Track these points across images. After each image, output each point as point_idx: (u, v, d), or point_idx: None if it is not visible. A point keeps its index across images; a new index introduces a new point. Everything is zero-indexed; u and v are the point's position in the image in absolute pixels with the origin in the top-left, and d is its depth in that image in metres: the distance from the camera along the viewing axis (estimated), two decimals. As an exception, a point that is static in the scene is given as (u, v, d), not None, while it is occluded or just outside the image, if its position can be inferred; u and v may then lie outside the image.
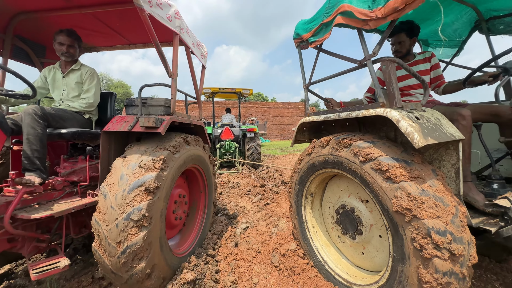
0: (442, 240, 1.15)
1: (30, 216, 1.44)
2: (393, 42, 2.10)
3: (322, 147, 1.79)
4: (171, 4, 1.92)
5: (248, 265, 2.10)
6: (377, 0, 1.32)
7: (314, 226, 2.02)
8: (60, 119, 1.85)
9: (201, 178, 2.50)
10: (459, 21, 2.31)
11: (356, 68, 1.59)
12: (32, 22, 2.35)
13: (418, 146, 1.18)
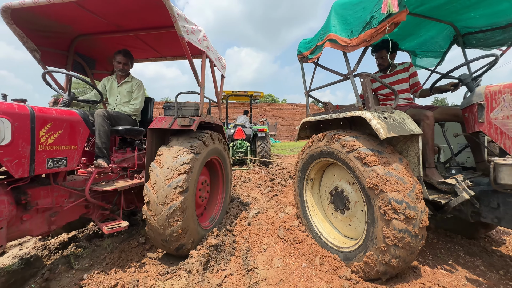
0: (399, 207, 1.59)
1: (102, 189, 1.99)
2: (376, 57, 2.53)
3: (319, 140, 2.26)
4: (200, 29, 2.45)
5: (259, 238, 2.59)
6: (353, 32, 1.77)
7: (313, 205, 2.48)
8: (118, 119, 2.42)
9: (220, 168, 3.01)
10: (440, 35, 2.71)
11: (342, 80, 2.06)
12: (87, 41, 2.95)
13: (382, 137, 1.63)
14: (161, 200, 1.96)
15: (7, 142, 1.40)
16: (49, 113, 1.66)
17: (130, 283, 1.83)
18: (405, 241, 1.59)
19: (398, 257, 1.63)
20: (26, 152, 1.51)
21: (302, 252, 2.24)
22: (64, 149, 1.75)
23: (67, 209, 1.90)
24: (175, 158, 2.06)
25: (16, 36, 2.34)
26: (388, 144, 1.89)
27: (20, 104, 1.52)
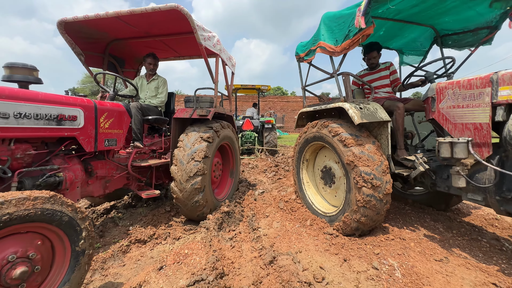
0: (368, 178, 2.07)
1: (140, 164, 2.57)
2: (368, 58, 2.95)
3: (312, 127, 2.75)
4: (214, 35, 2.94)
5: (263, 208, 3.14)
6: (338, 41, 2.22)
7: (308, 181, 3.00)
8: (148, 110, 2.98)
9: (230, 151, 3.55)
10: (422, 36, 3.09)
11: (329, 78, 2.52)
12: (119, 45, 3.51)
13: (356, 123, 2.11)
14: (185, 179, 2.49)
15: (81, 126, 1.98)
16: (105, 105, 2.22)
17: (164, 234, 2.43)
18: (372, 203, 2.09)
19: (367, 216, 2.12)
20: (92, 133, 2.08)
21: (296, 217, 2.78)
22: (115, 133, 2.32)
23: (115, 178, 2.49)
24: (193, 145, 2.59)
25: (67, 43, 2.91)
26: (365, 130, 2.36)
27: (87, 99, 2.08)
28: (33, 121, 1.65)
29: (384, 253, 1.98)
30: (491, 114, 1.67)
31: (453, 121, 1.92)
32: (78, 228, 1.41)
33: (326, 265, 1.90)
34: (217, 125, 2.97)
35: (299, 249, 2.13)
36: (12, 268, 1.17)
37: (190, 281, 1.63)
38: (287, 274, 1.71)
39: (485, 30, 2.54)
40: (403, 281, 1.67)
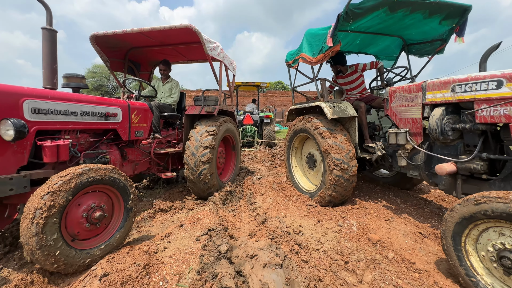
0: (338, 162, 2.70)
1: (160, 151, 3.22)
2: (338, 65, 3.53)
3: (299, 121, 3.37)
4: (218, 45, 3.54)
5: (259, 189, 3.79)
6: (315, 54, 2.83)
7: (296, 166, 3.64)
8: (164, 108, 3.61)
9: (232, 142, 4.19)
10: (393, 44, 3.68)
11: (310, 82, 3.14)
12: (136, 51, 4.11)
13: (329, 118, 2.73)
14: (196, 165, 3.13)
15: (120, 121, 2.62)
16: (135, 104, 2.86)
17: (180, 205, 3.09)
18: (340, 182, 2.72)
19: (337, 191, 2.76)
20: (127, 126, 2.73)
21: (286, 194, 3.43)
22: (142, 126, 2.96)
23: (141, 162, 3.14)
24: (202, 137, 3.22)
25: (96, 52, 3.52)
26: (339, 124, 2.98)
27: (123, 100, 2.72)
28: (91, 117, 2.29)
29: (348, 217, 2.63)
30: (422, 112, 2.29)
31: (399, 116, 2.54)
32: (128, 192, 2.05)
33: (304, 224, 2.55)
34: (221, 120, 3.59)
35: (285, 215, 2.79)
36: (94, 212, 1.82)
37: (203, 231, 2.29)
38: (273, 227, 2.37)
39: (438, 42, 3.13)
40: (357, 232, 2.32)
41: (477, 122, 1.88)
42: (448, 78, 2.07)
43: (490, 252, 1.47)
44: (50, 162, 1.93)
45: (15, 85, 1.79)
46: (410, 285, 1.60)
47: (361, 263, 1.82)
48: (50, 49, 2.29)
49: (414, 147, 2.38)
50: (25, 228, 1.49)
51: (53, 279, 1.64)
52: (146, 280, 1.60)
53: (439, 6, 2.56)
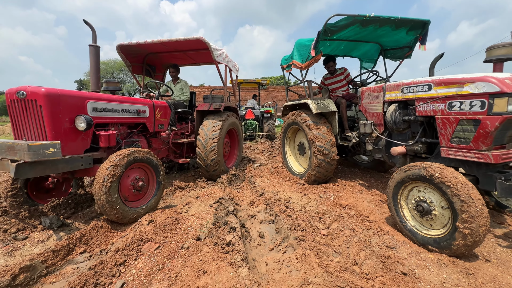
0: (321, 149, 3.38)
1: (177, 141, 3.93)
2: (327, 66, 4.18)
3: (292, 115, 4.04)
4: (224, 51, 4.19)
5: (259, 173, 4.50)
6: (303, 60, 3.48)
7: (289, 153, 4.34)
8: (178, 105, 4.30)
9: (236, 134, 4.87)
10: (372, 49, 4.30)
11: (300, 83, 3.79)
12: (152, 56, 4.79)
13: (314, 112, 3.40)
14: (206, 153, 3.82)
15: (148, 116, 3.32)
16: (157, 103, 3.55)
17: (194, 185, 3.80)
18: (322, 165, 3.40)
19: (320, 172, 3.45)
20: (152, 120, 3.42)
21: (281, 176, 4.13)
22: (163, 120, 3.66)
23: (162, 150, 3.85)
24: (210, 132, 3.89)
25: (121, 59, 4.21)
26: (323, 118, 3.65)
27: (149, 99, 3.41)
28: (128, 113, 2.99)
29: (328, 191, 3.33)
30: (383, 107, 2.95)
31: (368, 111, 3.20)
32: (159, 169, 2.76)
33: (293, 196, 3.26)
34: (226, 115, 4.27)
35: (279, 190, 3.50)
36: (137, 182, 2.53)
37: (215, 200, 2.99)
38: (269, 198, 3.08)
39: (407, 48, 3.75)
40: (332, 200, 3.01)
41: (418, 115, 2.55)
42: (399, 82, 2.73)
43: (413, 204, 2.16)
44: (104, 147, 2.65)
45: (80, 91, 2.49)
46: (361, 229, 2.29)
47: (330, 218, 2.52)
48: (95, 61, 2.98)
49: (378, 135, 3.05)
50: (98, 188, 2.20)
51: (114, 226, 2.36)
52: (178, 226, 2.31)
53: (402, 22, 3.18)
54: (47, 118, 2.17)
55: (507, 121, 1.91)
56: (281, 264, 1.86)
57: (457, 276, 1.65)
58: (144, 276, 1.64)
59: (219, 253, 1.90)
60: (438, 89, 2.33)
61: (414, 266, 1.74)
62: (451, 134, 2.24)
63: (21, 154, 1.93)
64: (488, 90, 1.95)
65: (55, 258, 1.86)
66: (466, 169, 2.26)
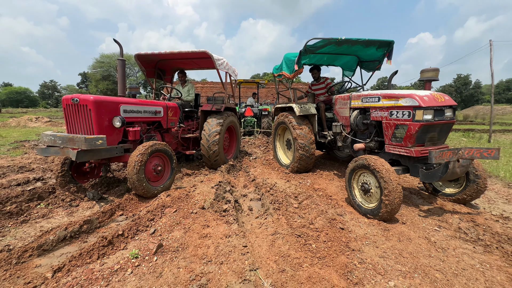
0: (302, 146, 4.16)
1: (186, 135, 4.73)
2: (312, 74, 4.93)
3: (281, 116, 4.81)
4: (224, 60, 4.94)
5: (253, 164, 5.30)
6: (290, 72, 4.22)
7: (279, 147, 5.13)
8: (186, 105, 5.08)
9: (234, 130, 5.66)
10: (351, 60, 5.03)
11: (287, 89, 4.54)
12: (163, 62, 5.55)
13: (297, 115, 4.17)
14: (208, 148, 4.60)
15: (162, 115, 4.11)
16: (170, 104, 4.33)
17: (199, 172, 4.61)
18: (303, 158, 4.19)
19: (301, 164, 4.24)
20: (165, 119, 4.22)
21: (271, 167, 4.94)
22: (174, 119, 4.45)
23: (172, 143, 4.66)
24: (212, 128, 4.68)
25: (138, 66, 4.98)
26: (306, 119, 4.42)
27: (162, 101, 4.19)
28: (148, 114, 3.79)
29: (307, 178, 4.12)
30: (349, 112, 3.72)
31: (339, 114, 3.97)
32: (172, 158, 3.55)
33: (278, 182, 4.06)
34: (226, 114, 5.05)
35: (267, 177, 4.30)
36: (157, 167, 3.33)
37: (216, 183, 3.79)
38: (258, 182, 3.88)
39: (377, 62, 4.50)
40: (308, 185, 3.81)
41: (371, 120, 3.32)
42: (360, 93, 3.50)
43: (360, 185, 2.95)
44: (132, 140, 3.45)
45: (115, 97, 3.28)
46: (324, 204, 3.09)
47: (303, 197, 3.32)
48: (122, 73, 3.75)
49: (345, 135, 3.82)
50: (130, 170, 3.00)
51: (140, 199, 3.18)
52: (188, 199, 3.12)
53: (369, 42, 3.92)
54: (94, 118, 2.97)
55: (424, 126, 2.68)
56: (261, 224, 2.67)
57: (377, 230, 2.45)
58: (168, 227, 2.46)
59: (218, 216, 2.71)
60: (384, 101, 3.09)
61: (351, 225, 2.54)
62: (391, 135, 3.01)
63: (79, 144, 2.74)
64: (412, 104, 2.72)
65: (104, 217, 2.68)
66: (402, 161, 3.05)
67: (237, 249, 2.08)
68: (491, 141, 8.42)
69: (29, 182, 3.95)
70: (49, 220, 2.72)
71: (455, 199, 3.12)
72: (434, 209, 3.02)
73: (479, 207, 3.14)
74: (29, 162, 5.36)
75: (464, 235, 2.39)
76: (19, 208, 2.86)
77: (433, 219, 2.73)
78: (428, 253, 2.09)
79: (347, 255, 2.04)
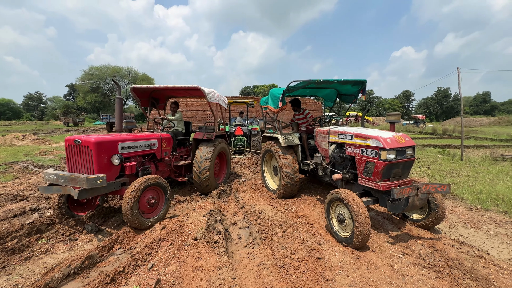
0: (287, 174, 4.53)
1: (178, 163, 5.01)
2: (293, 108, 5.38)
3: (268, 144, 5.20)
4: (215, 92, 5.33)
5: (243, 189, 5.61)
6: (275, 106, 4.65)
7: (266, 172, 5.49)
8: (178, 134, 5.39)
9: (224, 156, 5.99)
10: (331, 92, 5.54)
11: (273, 121, 4.97)
12: (156, 91, 5.88)
13: (283, 145, 4.57)
14: (200, 173, 4.91)
15: (157, 147, 4.40)
16: (163, 135, 4.63)
17: (190, 199, 4.87)
18: (288, 186, 4.55)
19: (286, 191, 4.60)
20: (160, 150, 4.50)
21: (259, 192, 5.26)
22: (167, 149, 4.74)
23: (165, 171, 4.92)
24: (204, 155, 5.00)
25: (133, 97, 5.29)
26: (291, 148, 4.82)
27: (157, 134, 4.50)
28: (143, 147, 4.07)
29: (292, 204, 4.47)
30: (328, 145, 4.14)
31: (319, 146, 4.39)
32: (166, 190, 3.82)
33: (265, 208, 4.38)
34: (216, 142, 5.39)
35: (256, 204, 4.61)
36: (150, 200, 3.59)
37: (207, 212, 4.07)
38: (247, 210, 4.19)
39: (353, 96, 5.01)
40: (293, 212, 4.15)
41: (347, 154, 3.74)
42: (337, 129, 3.94)
43: (336, 215, 3.31)
44: (128, 174, 3.71)
45: (114, 136, 3.57)
46: (306, 232, 3.42)
47: (287, 225, 3.65)
48: (119, 110, 4.05)
49: (325, 166, 4.23)
50: (124, 206, 3.24)
51: (136, 232, 3.41)
52: (182, 230, 3.38)
53: (345, 81, 4.42)
54: (95, 158, 3.24)
55: (388, 164, 3.11)
56: (249, 254, 2.97)
57: (350, 259, 2.80)
58: (164, 260, 2.71)
59: (209, 247, 2.99)
60: (356, 139, 3.54)
61: (327, 254, 2.89)
62: (363, 170, 3.43)
63: (81, 183, 2.99)
64: (378, 145, 3.16)
65: (103, 251, 2.91)
66: (372, 192, 3.46)
67: (227, 282, 2.38)
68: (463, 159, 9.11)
69: (25, 213, 4.10)
70: (51, 255, 2.92)
71: (420, 225, 3.54)
72: (401, 235, 3.42)
73: (441, 231, 3.56)
74: (22, 189, 5.45)
75: (422, 261, 2.78)
76: (21, 244, 3.04)
77: (399, 246, 3.11)
78: (390, 280, 2.45)
79: (321, 285, 2.37)
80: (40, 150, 11.00)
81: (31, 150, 11.31)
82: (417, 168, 7.36)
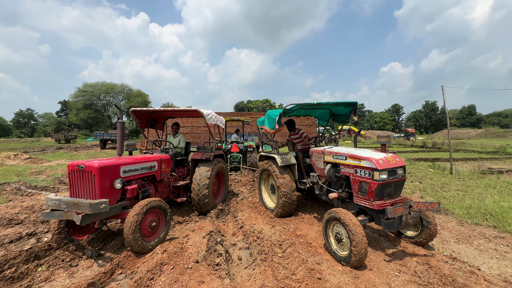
0: (284, 193, 4.65)
1: (177, 184, 5.07)
2: (288, 128, 5.60)
3: (266, 164, 5.34)
4: (213, 114, 5.51)
5: (241, 208, 5.67)
6: (271, 128, 4.85)
7: (264, 190, 5.58)
8: (177, 155, 5.49)
9: (222, 175, 6.08)
10: (324, 113, 5.80)
11: (269, 141, 5.14)
12: (155, 113, 6.03)
13: (280, 165, 4.71)
14: (198, 192, 4.97)
15: (156, 169, 4.48)
16: (163, 157, 4.73)
17: (189, 219, 4.90)
18: (286, 205, 4.66)
19: (284, 210, 4.69)
20: (159, 171, 4.58)
21: (257, 211, 5.33)
22: (166, 170, 4.82)
23: (164, 192, 4.97)
24: (202, 174, 5.09)
25: (133, 119, 5.42)
26: (288, 168, 4.96)
27: (156, 156, 4.59)
28: (144, 170, 4.15)
29: (290, 223, 4.55)
30: (323, 165, 4.31)
31: (315, 165, 4.56)
32: (167, 212, 3.87)
33: (264, 228, 4.44)
34: (215, 161, 5.50)
35: (254, 223, 4.67)
36: (151, 223, 3.63)
37: (207, 233, 4.10)
38: (246, 230, 4.25)
39: (345, 116, 5.27)
40: (291, 231, 4.22)
41: (342, 174, 3.91)
42: (332, 149, 4.13)
43: (334, 234, 3.42)
44: (129, 197, 3.76)
45: (116, 160, 3.65)
46: (305, 252, 3.50)
47: (286, 245, 3.72)
48: (121, 134, 4.16)
49: (321, 185, 4.38)
50: (127, 230, 3.28)
51: (137, 255, 3.42)
52: (183, 253, 3.41)
53: (337, 103, 4.68)
54: (98, 183, 3.31)
55: (381, 184, 3.28)
56: (250, 276, 3.02)
57: (349, 278, 2.88)
58: (167, 285, 2.74)
59: (211, 270, 3.03)
60: (350, 160, 3.72)
61: (327, 274, 2.96)
62: (357, 189, 3.59)
63: (84, 209, 3.04)
64: (371, 166, 3.35)
65: (105, 277, 2.91)
66: (367, 211, 3.59)
67: (230, 306, 2.41)
68: (453, 172, 9.42)
69: (21, 238, 4.05)
70: (52, 283, 2.90)
71: (414, 242, 3.67)
72: (397, 252, 3.53)
73: (434, 247, 3.69)
74: (16, 212, 5.37)
75: (418, 278, 2.89)
76: (19, 272, 3.01)
77: (395, 263, 3.22)
78: (388, 300, 2.54)
79: (323, 306, 2.44)
80: (32, 170, 10.83)
81: (23, 170, 11.12)
82: (410, 183, 7.58)
